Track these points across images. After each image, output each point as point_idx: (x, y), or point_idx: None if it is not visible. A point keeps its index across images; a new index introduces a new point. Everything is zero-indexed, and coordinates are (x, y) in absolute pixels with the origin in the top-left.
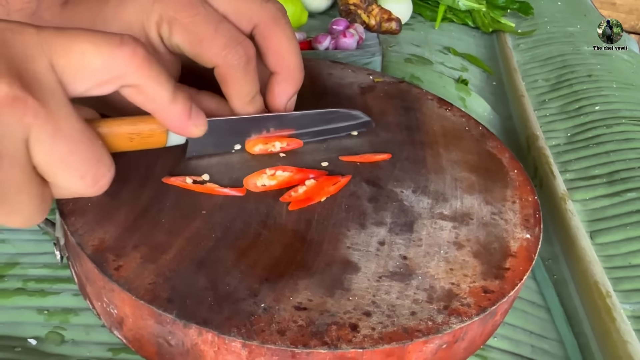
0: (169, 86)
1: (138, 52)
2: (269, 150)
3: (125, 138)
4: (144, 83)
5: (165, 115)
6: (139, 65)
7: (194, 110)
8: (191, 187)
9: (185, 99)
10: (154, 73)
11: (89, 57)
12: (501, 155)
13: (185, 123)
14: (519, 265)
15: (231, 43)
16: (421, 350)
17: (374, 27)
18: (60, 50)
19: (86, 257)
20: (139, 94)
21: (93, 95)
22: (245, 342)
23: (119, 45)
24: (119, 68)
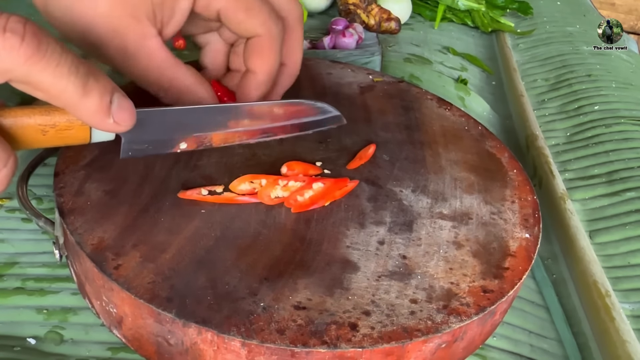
0: (75, 78)
1: (27, 41)
2: (254, 190)
3: (36, 131)
4: (37, 78)
5: (77, 111)
6: (30, 56)
7: (117, 102)
8: (209, 199)
9: (101, 91)
10: (51, 64)
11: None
12: (500, 155)
13: (102, 120)
14: (518, 264)
15: (275, 15)
16: (420, 349)
17: (374, 26)
18: None
19: (85, 256)
20: (35, 90)
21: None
22: (245, 341)
23: (2, 32)
24: (3, 61)
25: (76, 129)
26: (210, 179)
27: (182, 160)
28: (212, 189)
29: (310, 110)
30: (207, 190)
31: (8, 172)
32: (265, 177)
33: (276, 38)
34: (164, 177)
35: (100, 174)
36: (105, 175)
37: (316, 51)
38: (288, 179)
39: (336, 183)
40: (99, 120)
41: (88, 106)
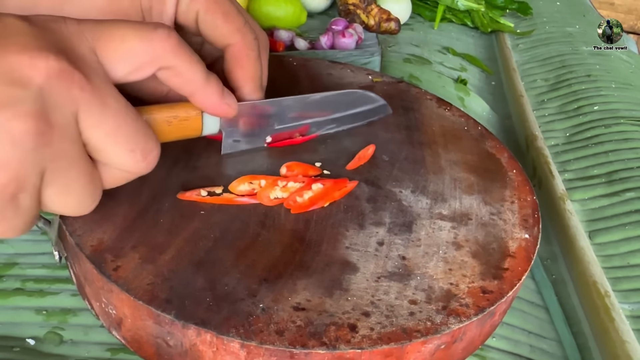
0: (202, 67)
1: (172, 35)
2: (254, 190)
3: (163, 122)
4: (179, 64)
5: (201, 95)
6: (174, 46)
7: (225, 90)
8: (208, 200)
9: (217, 79)
10: (188, 54)
11: (129, 41)
12: (500, 155)
13: (219, 102)
14: (517, 265)
15: (250, 26)
16: (420, 350)
17: (373, 27)
18: (101, 36)
19: (85, 257)
20: (175, 76)
21: (132, 81)
22: (244, 343)
23: (155, 29)
24: (155, 50)
25: (191, 119)
26: (209, 180)
27: (182, 161)
28: (211, 190)
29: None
30: (206, 191)
31: (157, 154)
32: (264, 177)
33: (252, 46)
34: (163, 178)
35: None
36: None
37: (316, 51)
38: (287, 180)
39: (335, 184)
40: (217, 102)
41: (210, 89)
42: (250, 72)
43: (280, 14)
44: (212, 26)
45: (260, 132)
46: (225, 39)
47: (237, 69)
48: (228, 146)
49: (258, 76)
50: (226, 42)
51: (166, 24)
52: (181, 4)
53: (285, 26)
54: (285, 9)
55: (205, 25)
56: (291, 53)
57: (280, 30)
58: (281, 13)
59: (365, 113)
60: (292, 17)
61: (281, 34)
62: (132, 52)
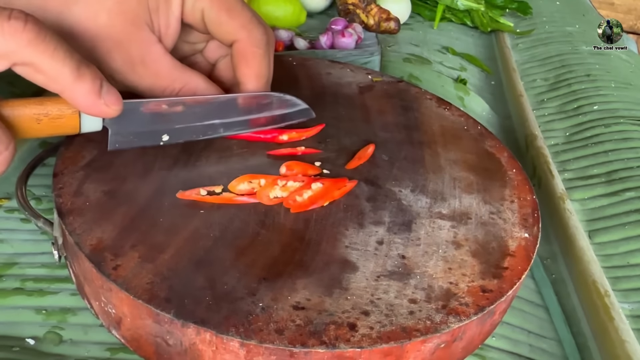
0: (71, 62)
1: (29, 26)
2: (253, 190)
3: (31, 120)
4: (38, 60)
5: (71, 94)
6: (31, 40)
7: (105, 87)
8: (208, 199)
9: (93, 75)
10: (50, 48)
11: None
12: (500, 155)
13: (94, 101)
14: (517, 264)
15: (256, 21)
16: (419, 349)
17: (373, 26)
18: None
19: (84, 256)
20: (36, 73)
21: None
22: (243, 342)
23: (8, 18)
24: (7, 44)
25: (67, 118)
26: (209, 179)
27: (181, 161)
28: (211, 189)
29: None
30: (206, 190)
31: (8, 155)
32: (264, 177)
33: (258, 43)
34: (163, 178)
35: (99, 174)
36: (104, 176)
37: (315, 51)
38: (287, 179)
39: (335, 183)
40: (91, 102)
41: (82, 88)
42: (254, 68)
43: (280, 13)
44: (217, 23)
45: (156, 131)
46: (230, 36)
47: (242, 65)
48: (116, 143)
49: (264, 73)
50: (232, 39)
51: (172, 22)
52: (187, 3)
53: (285, 26)
54: (284, 8)
55: (211, 22)
56: (291, 53)
57: (279, 29)
58: (281, 13)
59: (283, 116)
60: (292, 16)
61: (281, 33)
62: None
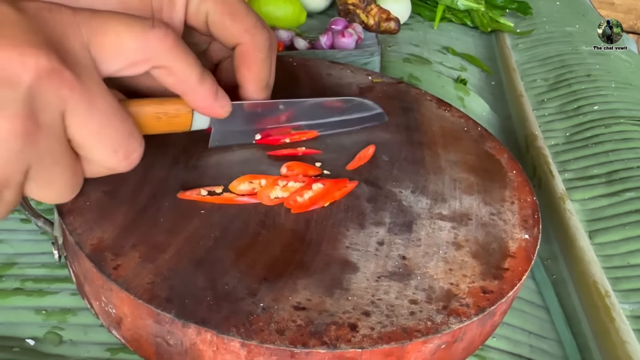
0: (197, 67)
1: (169, 35)
2: (254, 190)
3: (152, 117)
4: (174, 64)
5: (194, 96)
6: (170, 46)
7: (220, 91)
8: (208, 199)
9: (212, 80)
10: (184, 55)
11: (124, 37)
12: (500, 156)
13: (212, 103)
14: (517, 265)
15: (260, 25)
16: (420, 350)
17: (373, 26)
18: (96, 30)
19: (85, 256)
20: (169, 75)
21: (124, 76)
22: (244, 342)
23: (152, 27)
24: (151, 49)
25: (182, 116)
26: (209, 179)
27: (182, 161)
28: (211, 190)
29: (360, 106)
30: (206, 190)
31: (142, 151)
32: (264, 177)
33: (261, 47)
34: (164, 178)
35: None
36: (104, 176)
37: (315, 51)
38: (288, 180)
39: (336, 184)
40: (209, 103)
41: (203, 91)
42: (256, 72)
43: (280, 13)
44: (221, 27)
45: (251, 131)
46: (234, 39)
47: (244, 68)
48: (216, 141)
49: (264, 77)
50: (235, 42)
51: (176, 24)
52: (191, 5)
53: (285, 26)
54: (284, 8)
55: (214, 25)
56: (291, 53)
57: (279, 30)
58: (281, 13)
59: (360, 120)
60: (292, 16)
61: (281, 33)
62: (126, 49)
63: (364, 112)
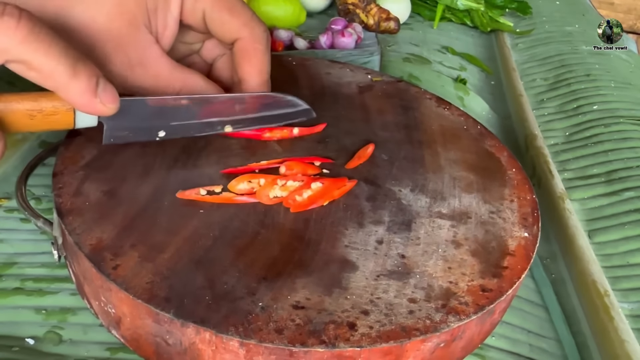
0: (66, 60)
1: (22, 23)
2: (253, 189)
3: (24, 115)
4: (32, 57)
5: (66, 92)
6: (24, 37)
7: (102, 85)
8: (207, 199)
9: (89, 73)
10: (44, 46)
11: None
12: (499, 154)
13: (89, 100)
14: (517, 264)
15: (257, 19)
16: (419, 349)
17: (373, 26)
18: None
19: (84, 256)
20: (29, 70)
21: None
22: (243, 341)
23: (1, 15)
24: (0, 41)
25: (61, 114)
26: (208, 179)
27: (181, 160)
28: (210, 189)
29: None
30: (205, 190)
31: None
32: (263, 176)
33: (260, 40)
34: (163, 177)
35: (99, 174)
36: (104, 176)
37: (315, 51)
38: (287, 179)
39: (335, 183)
40: (87, 101)
41: (77, 86)
42: (257, 65)
43: (280, 13)
44: (219, 23)
45: (152, 127)
46: (233, 34)
47: (244, 62)
48: (111, 137)
49: (265, 69)
50: (234, 37)
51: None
52: (186, 4)
53: (285, 26)
54: (284, 8)
55: (212, 22)
56: (290, 53)
57: (279, 29)
58: (280, 12)
59: (284, 116)
60: (292, 16)
61: (280, 33)
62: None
63: (288, 108)
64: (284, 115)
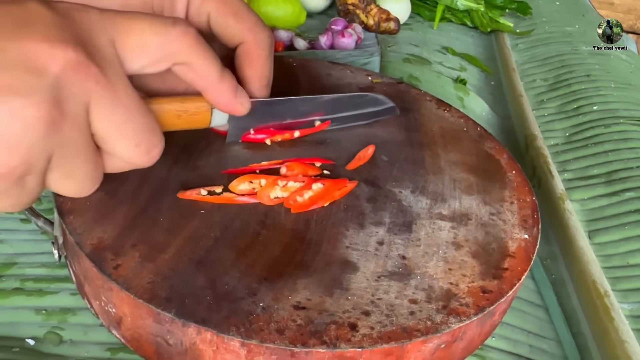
0: (217, 64)
1: (190, 32)
2: (254, 190)
3: (173, 115)
4: (195, 61)
5: (214, 92)
6: (191, 43)
7: (239, 88)
8: (208, 199)
9: (232, 78)
10: (204, 51)
11: (147, 35)
12: (499, 156)
13: (232, 100)
14: (517, 265)
15: (262, 24)
16: (420, 350)
17: (373, 27)
18: (120, 28)
19: (85, 256)
20: (190, 72)
21: (147, 73)
22: (244, 341)
23: (173, 24)
24: (172, 46)
25: (202, 114)
26: (209, 179)
27: (182, 161)
28: (211, 189)
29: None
30: (206, 190)
31: (162, 147)
32: (264, 177)
33: (263, 45)
34: (164, 177)
35: None
36: (104, 175)
37: (315, 51)
38: (287, 180)
39: (335, 184)
40: (229, 100)
41: (224, 87)
42: (259, 70)
43: (280, 13)
44: (224, 26)
45: (266, 126)
46: (237, 38)
47: (246, 66)
48: (233, 137)
49: (266, 75)
50: (238, 41)
51: None
52: (192, 6)
53: (285, 26)
54: (284, 8)
55: (217, 25)
56: (290, 53)
57: (279, 30)
58: (280, 13)
59: (372, 113)
60: (292, 17)
61: (280, 34)
62: (148, 46)
63: (376, 106)
64: (371, 113)
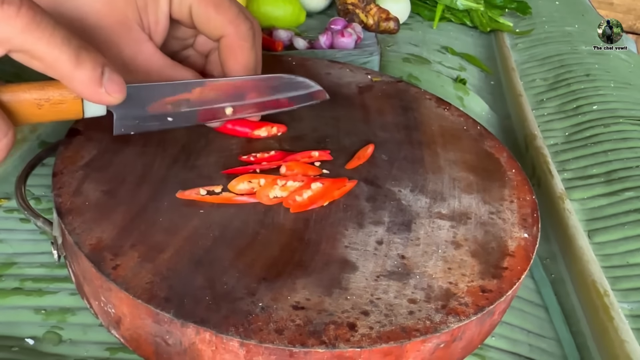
0: (69, 48)
1: (23, 12)
2: (253, 189)
3: (32, 105)
4: (33, 46)
5: (70, 82)
6: (25, 26)
7: (107, 74)
8: (207, 199)
9: (94, 62)
10: (45, 34)
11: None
12: (499, 155)
13: (94, 90)
14: (516, 264)
15: (243, 15)
16: (419, 349)
17: (372, 26)
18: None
19: (84, 256)
20: (32, 59)
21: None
22: (243, 341)
23: (0, 4)
24: (1, 31)
25: (69, 102)
26: (208, 179)
27: (181, 160)
28: (210, 189)
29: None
30: (205, 190)
31: (8, 142)
32: (263, 176)
33: (245, 36)
34: (163, 177)
35: (99, 174)
36: (104, 175)
37: (315, 51)
38: (287, 179)
39: (335, 183)
40: (92, 91)
41: (81, 76)
42: (242, 62)
43: (279, 13)
44: (205, 19)
45: (161, 114)
46: (218, 31)
47: (230, 59)
48: (121, 127)
49: (251, 66)
50: (219, 34)
51: (161, 19)
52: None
53: (284, 26)
54: (284, 8)
55: (198, 18)
56: (290, 53)
57: (279, 29)
58: (280, 13)
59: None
60: (291, 16)
61: (280, 33)
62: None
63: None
64: (295, 98)
